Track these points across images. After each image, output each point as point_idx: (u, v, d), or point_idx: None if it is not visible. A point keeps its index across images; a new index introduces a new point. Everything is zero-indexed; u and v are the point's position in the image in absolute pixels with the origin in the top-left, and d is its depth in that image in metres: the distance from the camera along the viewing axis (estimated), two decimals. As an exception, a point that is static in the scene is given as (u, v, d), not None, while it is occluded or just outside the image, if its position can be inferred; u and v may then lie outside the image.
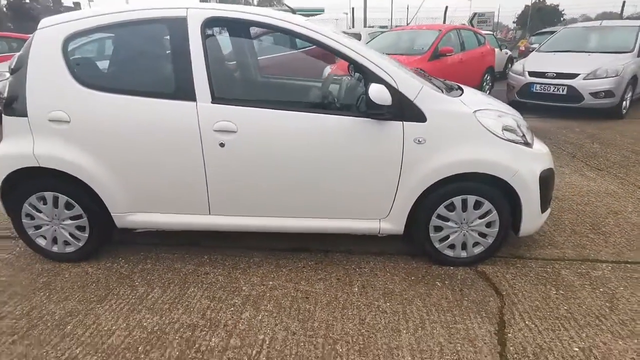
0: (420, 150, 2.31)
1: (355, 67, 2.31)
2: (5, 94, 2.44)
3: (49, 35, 2.39)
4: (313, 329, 2.03)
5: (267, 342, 1.95)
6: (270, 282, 2.43)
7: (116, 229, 2.61)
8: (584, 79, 6.44)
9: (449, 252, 2.54)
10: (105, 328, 2.06)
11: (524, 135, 2.47)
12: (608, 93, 6.34)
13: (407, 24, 21.50)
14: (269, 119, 2.31)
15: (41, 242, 2.62)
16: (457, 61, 7.51)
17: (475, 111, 2.34)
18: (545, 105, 6.88)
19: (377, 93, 2.14)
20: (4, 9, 40.57)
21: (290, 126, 2.31)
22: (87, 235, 2.58)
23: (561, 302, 2.20)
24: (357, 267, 2.57)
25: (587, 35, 7.61)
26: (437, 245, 2.52)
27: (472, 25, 21.12)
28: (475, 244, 2.51)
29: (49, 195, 2.49)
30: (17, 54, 2.47)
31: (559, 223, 3.10)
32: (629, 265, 2.52)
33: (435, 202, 2.41)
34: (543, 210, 2.51)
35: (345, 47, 2.28)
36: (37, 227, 2.59)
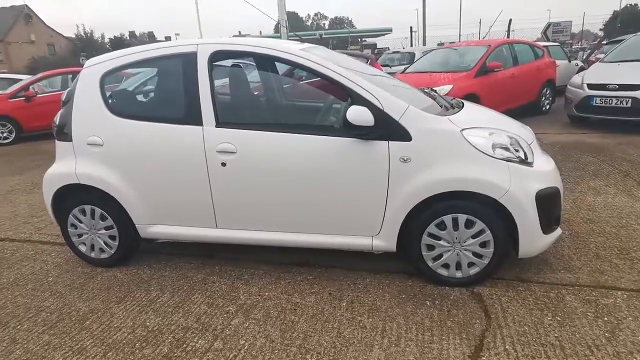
0: (406, 169, 2.36)
1: (343, 90, 2.44)
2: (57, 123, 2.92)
3: (90, 73, 2.84)
4: (291, 339, 2.15)
5: (245, 348, 2.10)
6: (267, 293, 2.59)
7: (142, 240, 2.96)
8: (652, 90, 5.86)
9: (443, 272, 2.51)
10: (115, 325, 2.35)
11: (522, 153, 2.39)
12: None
13: (480, 39, 20.87)
14: (265, 140, 2.51)
15: (82, 248, 3.05)
16: (508, 76, 7.25)
17: (463, 129, 2.34)
18: (607, 120, 6.35)
19: (355, 115, 2.25)
20: (107, 46, 46.39)
21: (285, 147, 2.49)
22: (117, 243, 2.96)
23: (553, 329, 2.08)
24: (352, 283, 2.64)
25: (661, 42, 6.92)
26: (430, 263, 2.51)
27: (546, 37, 19.93)
28: (471, 264, 2.46)
29: (88, 207, 2.92)
30: (68, 89, 2.95)
31: (583, 246, 2.90)
32: (648, 295, 2.30)
33: (426, 221, 2.42)
34: (547, 231, 2.40)
35: (332, 71, 2.42)
36: (79, 235, 3.02)
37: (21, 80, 10.70)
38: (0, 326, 2.41)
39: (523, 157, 2.37)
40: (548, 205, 2.37)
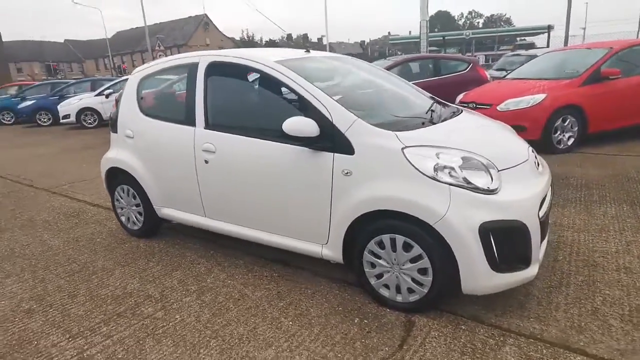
0: (347, 182, 2.34)
1: (301, 101, 2.52)
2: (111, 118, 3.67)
3: (133, 78, 3.49)
4: (213, 323, 2.37)
5: (176, 321, 2.41)
6: (229, 281, 2.85)
7: (160, 219, 3.51)
8: None
9: (385, 292, 2.41)
10: (107, 283, 2.91)
11: (479, 178, 2.14)
12: None
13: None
14: (235, 143, 2.77)
15: (123, 219, 3.76)
16: (634, 84, 5.98)
17: (406, 147, 2.21)
18: None
19: (290, 125, 2.34)
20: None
21: (249, 150, 2.71)
22: (142, 219, 3.57)
23: (456, 375, 1.86)
24: (306, 288, 2.72)
25: None
26: (372, 281, 2.44)
27: None
28: (411, 290, 2.31)
29: (125, 187, 3.59)
30: (120, 91, 3.67)
31: (587, 297, 2.41)
32: (613, 368, 1.85)
33: (367, 237, 2.37)
34: (501, 269, 2.11)
35: (293, 81, 2.53)
36: (121, 208, 3.73)
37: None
38: (44, 268, 3.20)
39: (474, 183, 2.12)
40: (502, 239, 2.09)
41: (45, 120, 13.86)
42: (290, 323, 2.34)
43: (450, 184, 2.11)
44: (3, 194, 5.49)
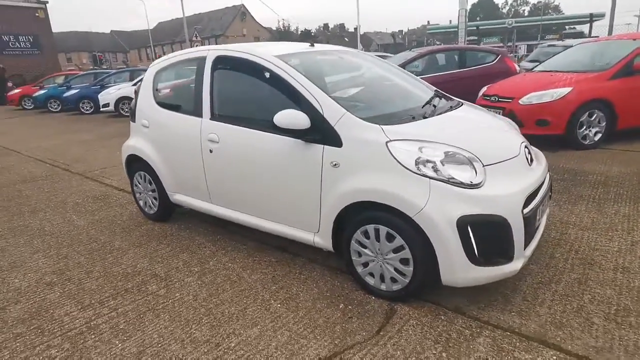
0: (335, 174, 2.44)
1: (293, 92, 2.62)
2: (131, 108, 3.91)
3: (151, 70, 3.70)
4: (208, 302, 2.55)
5: (176, 299, 2.61)
6: (230, 264, 3.02)
7: (173, 204, 3.73)
8: None
9: (370, 280, 2.50)
10: (120, 262, 3.15)
11: (461, 172, 2.17)
12: None
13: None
14: (236, 133, 2.91)
15: (141, 203, 4.02)
16: (670, 79, 5.65)
17: (390, 141, 2.27)
18: None
19: (280, 118, 2.44)
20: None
21: (248, 141, 2.85)
22: (157, 204, 3.81)
23: (424, 362, 1.94)
24: (300, 273, 2.84)
25: None
26: (359, 269, 2.53)
27: None
28: (393, 279, 2.39)
29: (142, 173, 3.84)
30: (139, 83, 3.90)
31: (575, 294, 2.40)
32: (583, 364, 1.87)
33: (354, 227, 2.45)
34: (480, 263, 2.15)
35: (289, 75, 2.64)
36: (139, 193, 3.99)
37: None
38: (68, 246, 3.50)
39: (456, 177, 2.15)
40: (481, 233, 2.12)
41: (87, 108, 14.65)
42: (279, 305, 2.48)
43: (431, 178, 2.16)
44: (42, 177, 5.94)
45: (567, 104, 5.47)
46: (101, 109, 13.25)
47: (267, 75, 2.77)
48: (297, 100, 2.58)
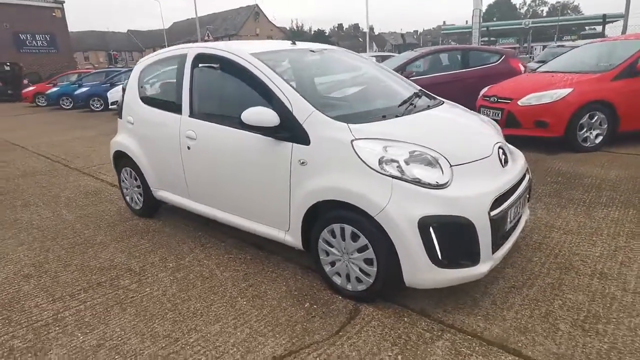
0: (302, 172, 2.42)
1: (265, 89, 2.60)
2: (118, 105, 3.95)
3: (137, 68, 3.74)
4: (176, 298, 2.55)
5: (145, 293, 2.62)
6: (205, 261, 3.03)
7: (157, 200, 3.75)
8: None
9: (337, 279, 2.47)
10: (99, 256, 3.19)
11: (429, 172, 2.13)
12: None
13: None
14: (211, 130, 2.92)
15: (127, 199, 4.06)
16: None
17: (355, 139, 2.24)
18: None
19: (248, 115, 2.44)
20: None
21: (222, 138, 2.85)
22: (142, 199, 3.84)
23: (377, 363, 1.90)
24: (272, 271, 2.83)
25: None
26: (327, 269, 2.51)
27: None
28: (358, 280, 2.35)
29: (128, 169, 3.87)
30: (126, 80, 3.93)
31: (547, 299, 2.33)
32: (540, 371, 1.81)
33: (321, 226, 2.43)
34: (443, 265, 2.11)
35: (261, 72, 2.63)
36: (126, 189, 4.03)
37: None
38: (52, 239, 3.55)
39: (419, 177, 2.11)
40: (444, 235, 2.08)
41: (97, 105, 14.89)
42: (245, 303, 2.47)
43: (395, 177, 2.12)
44: (42, 172, 6.05)
45: (567, 106, 5.35)
46: (110, 107, 13.45)
47: (242, 72, 2.77)
48: (269, 98, 2.57)
